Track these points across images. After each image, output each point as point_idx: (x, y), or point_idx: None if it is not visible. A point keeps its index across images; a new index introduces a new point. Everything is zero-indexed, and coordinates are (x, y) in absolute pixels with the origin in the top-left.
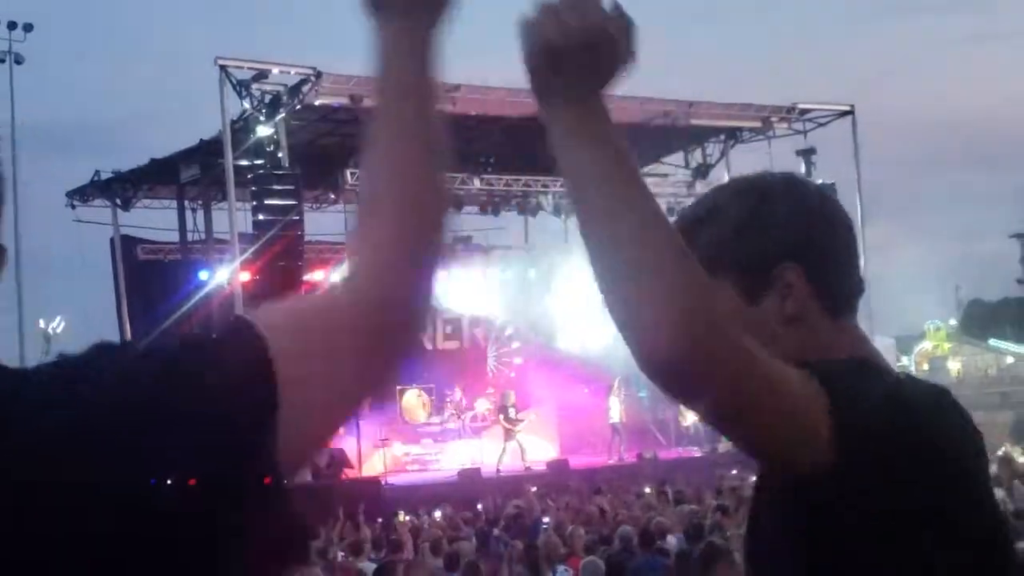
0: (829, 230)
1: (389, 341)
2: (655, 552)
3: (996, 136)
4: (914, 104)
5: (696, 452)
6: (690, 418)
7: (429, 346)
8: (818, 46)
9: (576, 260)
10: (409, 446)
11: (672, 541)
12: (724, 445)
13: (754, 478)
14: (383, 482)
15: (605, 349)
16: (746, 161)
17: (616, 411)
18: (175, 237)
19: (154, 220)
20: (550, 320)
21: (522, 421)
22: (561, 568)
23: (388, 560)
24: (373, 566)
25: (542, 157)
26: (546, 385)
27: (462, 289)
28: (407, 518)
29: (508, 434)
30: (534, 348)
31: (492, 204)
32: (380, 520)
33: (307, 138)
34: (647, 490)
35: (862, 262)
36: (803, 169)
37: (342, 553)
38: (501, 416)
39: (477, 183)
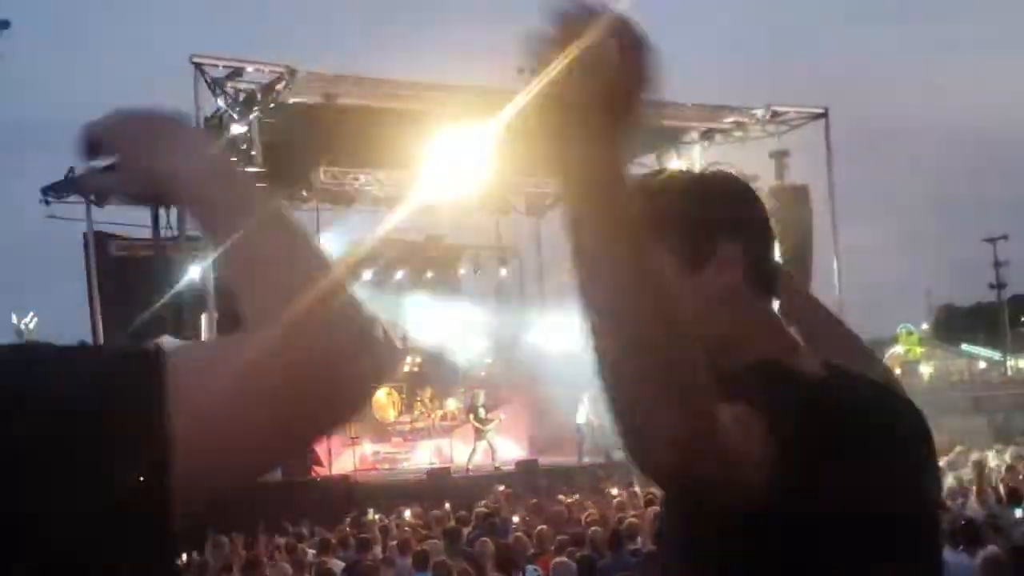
0: (762, 215)
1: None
2: (626, 553)
3: (970, 142)
4: (888, 109)
5: None
6: None
7: (400, 344)
8: (793, 49)
9: (548, 261)
10: (379, 444)
11: (642, 543)
12: None
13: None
14: (353, 480)
15: (575, 349)
16: (718, 162)
17: (583, 413)
18: (148, 234)
19: (128, 217)
20: (522, 320)
21: (492, 421)
22: (531, 568)
23: (358, 560)
24: (342, 564)
25: (515, 158)
26: (517, 385)
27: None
28: (376, 516)
29: (478, 433)
30: (505, 347)
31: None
32: (349, 518)
33: (280, 137)
34: (615, 491)
35: (835, 265)
36: (776, 171)
37: (312, 551)
38: (471, 416)
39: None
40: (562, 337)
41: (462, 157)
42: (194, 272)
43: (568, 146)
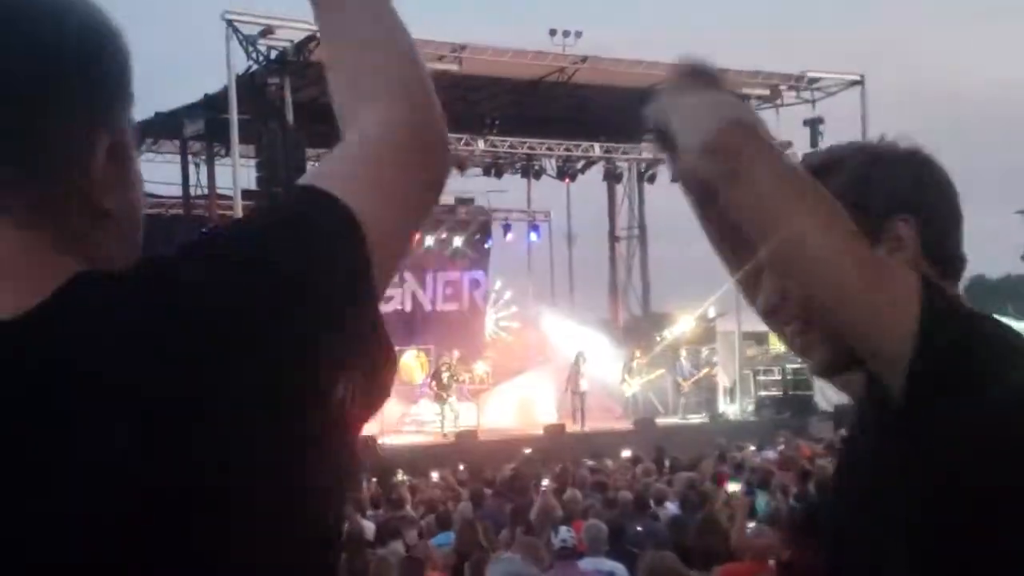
0: (947, 193)
1: (432, 160)
2: (652, 518)
3: (1004, 112)
4: (924, 77)
5: (695, 420)
6: (687, 386)
7: (428, 308)
8: (828, 16)
9: (579, 225)
10: (406, 406)
11: (670, 508)
12: (722, 414)
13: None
14: (379, 442)
15: (604, 316)
16: None
17: (583, 380)
18: (178, 191)
19: (157, 174)
20: (550, 284)
21: (454, 386)
22: (563, 529)
23: (389, 518)
24: (371, 524)
25: (546, 120)
26: (544, 350)
27: (463, 250)
28: (405, 478)
29: (439, 399)
30: (533, 313)
31: (495, 167)
32: (376, 479)
33: (312, 95)
34: (632, 456)
35: None
36: (810, 138)
37: None
38: (433, 382)
39: (481, 145)
40: (593, 302)
41: (494, 118)
42: None
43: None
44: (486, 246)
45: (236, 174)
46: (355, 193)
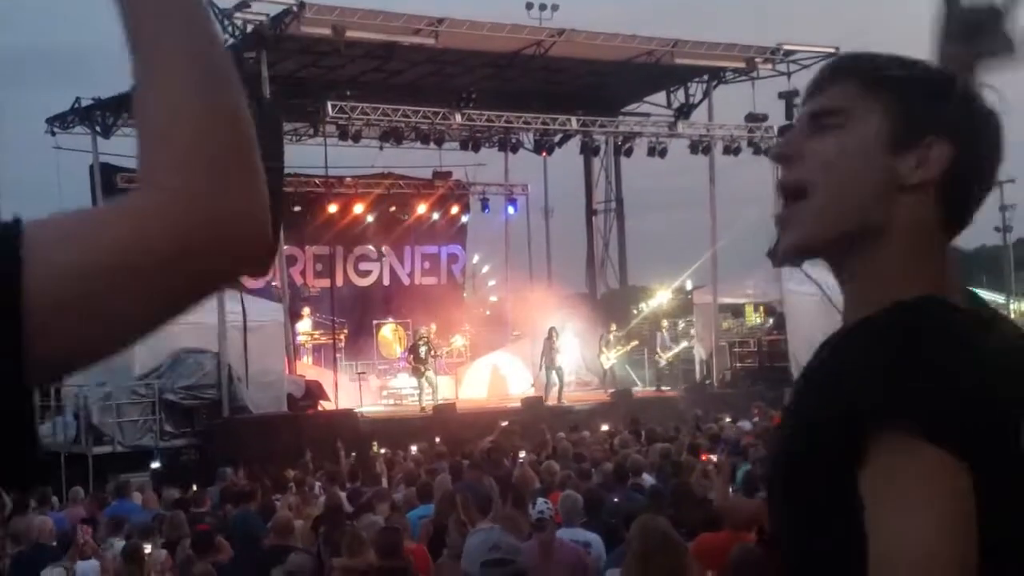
0: (995, 144)
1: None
2: (631, 488)
3: None
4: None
5: (671, 392)
6: (666, 359)
7: (406, 281)
8: None
9: (553, 197)
10: (384, 380)
11: (647, 479)
12: (698, 386)
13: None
14: (358, 415)
15: (583, 289)
16: (728, 102)
17: (558, 354)
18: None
19: (134, 149)
20: (528, 258)
21: (432, 360)
22: (541, 500)
23: (363, 492)
24: (348, 496)
25: (524, 93)
26: (522, 323)
27: (441, 224)
28: (383, 451)
29: (416, 372)
30: (510, 286)
31: (473, 140)
32: (355, 453)
33: (289, 69)
34: (608, 429)
35: None
36: (784, 111)
37: (319, 483)
38: (411, 356)
39: (458, 118)
40: (570, 276)
41: (471, 92)
42: None
43: None
44: (464, 220)
45: None
46: (57, 267)
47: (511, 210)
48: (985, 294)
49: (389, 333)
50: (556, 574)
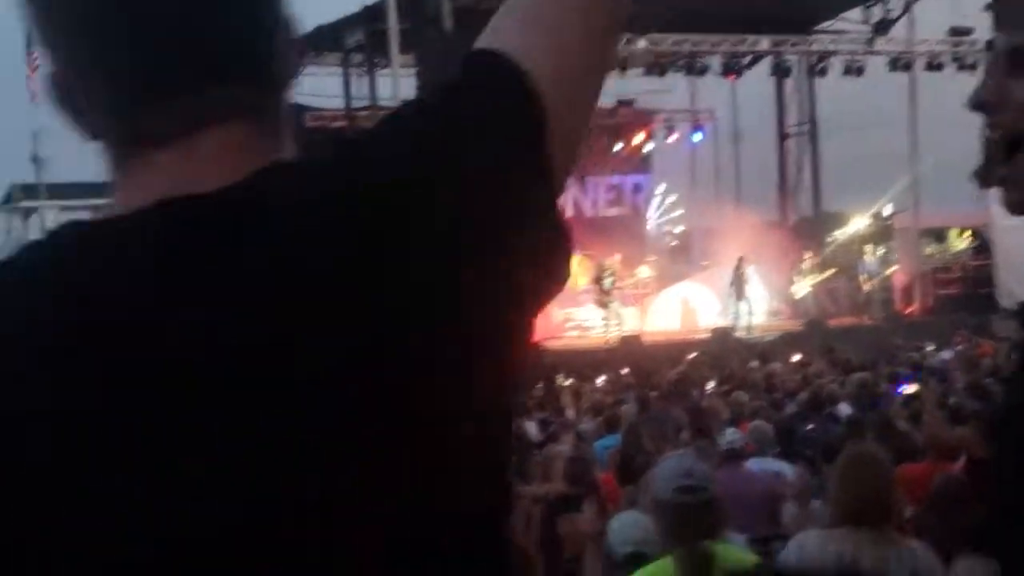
0: None
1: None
2: (825, 418)
3: None
4: None
5: (868, 320)
6: (864, 286)
7: (590, 212)
8: None
9: (743, 122)
10: (569, 311)
11: (843, 409)
12: (897, 314)
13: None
14: (543, 346)
15: (772, 216)
16: (930, 16)
17: (748, 283)
18: (340, 104)
19: (319, 87)
20: (716, 186)
21: (617, 291)
22: (730, 430)
23: (551, 423)
24: (534, 426)
25: (710, 15)
26: (711, 252)
27: (625, 154)
28: (569, 381)
29: (601, 304)
30: (697, 216)
31: (657, 66)
32: (541, 383)
33: (471, 2)
34: (813, 360)
35: None
36: (992, 24)
37: None
38: (596, 284)
39: (642, 43)
40: (760, 203)
41: (655, 15)
42: None
43: None
44: (648, 149)
45: (397, 85)
46: (529, 48)
47: (698, 137)
48: None
49: (574, 264)
50: (747, 504)
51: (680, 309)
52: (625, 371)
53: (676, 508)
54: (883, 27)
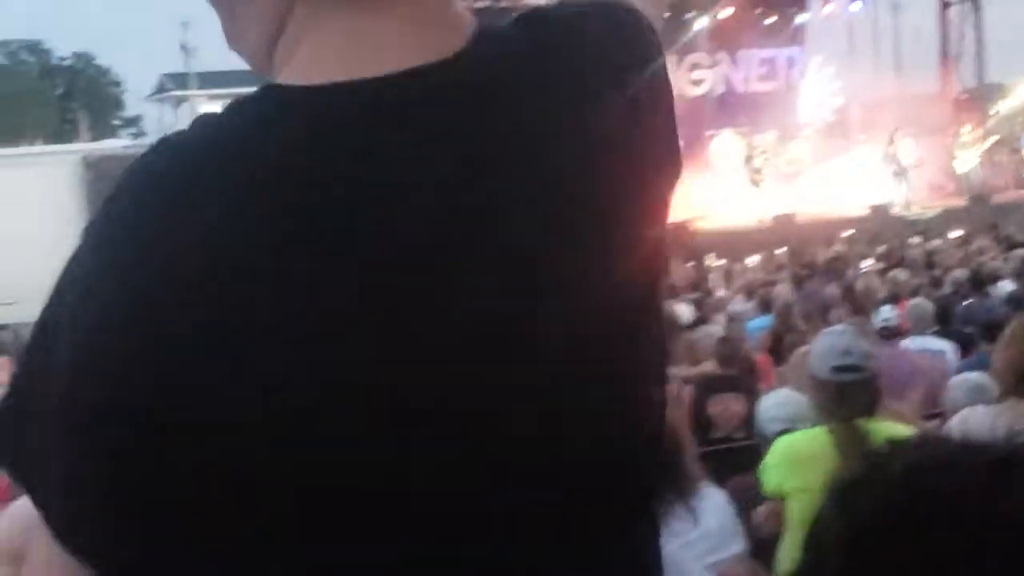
0: None
1: None
2: (986, 296)
3: None
4: None
5: None
6: None
7: (741, 88)
8: None
9: None
10: (719, 191)
11: (1005, 286)
12: None
13: None
14: (693, 226)
15: (933, 87)
16: None
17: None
18: None
19: None
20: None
21: (769, 169)
22: (885, 308)
23: (704, 303)
24: (686, 307)
25: None
26: (869, 126)
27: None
28: (721, 262)
29: (753, 181)
30: (855, 89)
31: None
32: (692, 263)
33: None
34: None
35: None
36: None
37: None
38: (747, 164)
39: None
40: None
41: None
42: None
43: None
44: (802, 20)
45: None
46: None
47: (856, 6)
48: None
49: (725, 142)
50: (905, 382)
51: (836, 186)
52: (780, 251)
53: (835, 387)
54: None
